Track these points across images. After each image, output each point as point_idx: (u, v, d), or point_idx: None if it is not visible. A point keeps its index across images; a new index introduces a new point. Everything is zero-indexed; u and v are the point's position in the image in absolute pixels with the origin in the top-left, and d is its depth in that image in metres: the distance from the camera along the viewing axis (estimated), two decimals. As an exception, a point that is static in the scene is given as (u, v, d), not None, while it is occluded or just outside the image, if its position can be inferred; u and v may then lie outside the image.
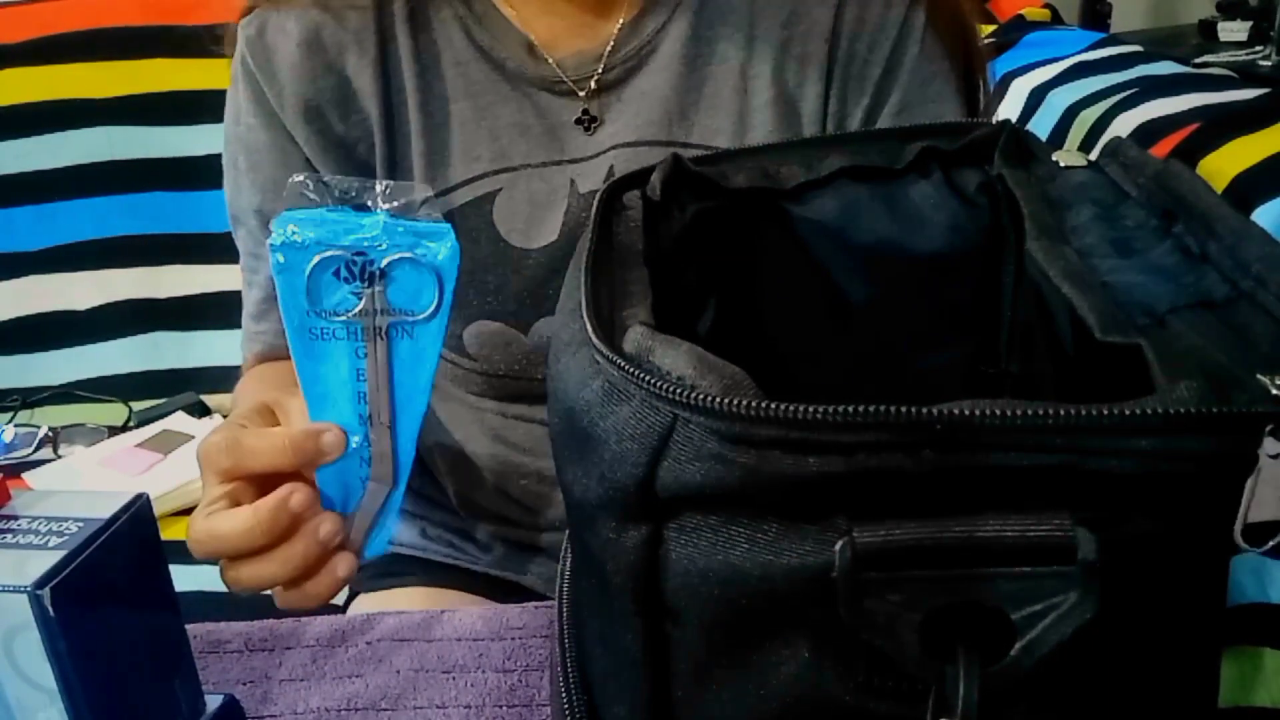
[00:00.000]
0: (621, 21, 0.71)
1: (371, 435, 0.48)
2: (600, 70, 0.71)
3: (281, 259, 0.46)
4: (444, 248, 0.46)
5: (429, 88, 0.71)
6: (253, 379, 0.78)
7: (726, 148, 0.70)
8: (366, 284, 0.46)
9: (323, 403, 0.48)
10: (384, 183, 0.47)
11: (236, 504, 0.49)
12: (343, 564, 0.50)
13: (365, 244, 0.45)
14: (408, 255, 0.46)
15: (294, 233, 0.45)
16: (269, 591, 0.51)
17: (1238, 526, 0.30)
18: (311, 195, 0.47)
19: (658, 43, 0.71)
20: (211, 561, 0.49)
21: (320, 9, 0.71)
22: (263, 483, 0.49)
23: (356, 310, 0.46)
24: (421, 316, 0.47)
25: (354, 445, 0.49)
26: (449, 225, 0.47)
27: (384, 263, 0.46)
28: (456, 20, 0.71)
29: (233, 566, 0.49)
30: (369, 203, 0.47)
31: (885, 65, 0.70)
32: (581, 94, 0.72)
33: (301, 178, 0.47)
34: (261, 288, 0.78)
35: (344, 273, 0.46)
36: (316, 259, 0.45)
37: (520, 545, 0.84)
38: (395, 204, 0.46)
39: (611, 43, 0.71)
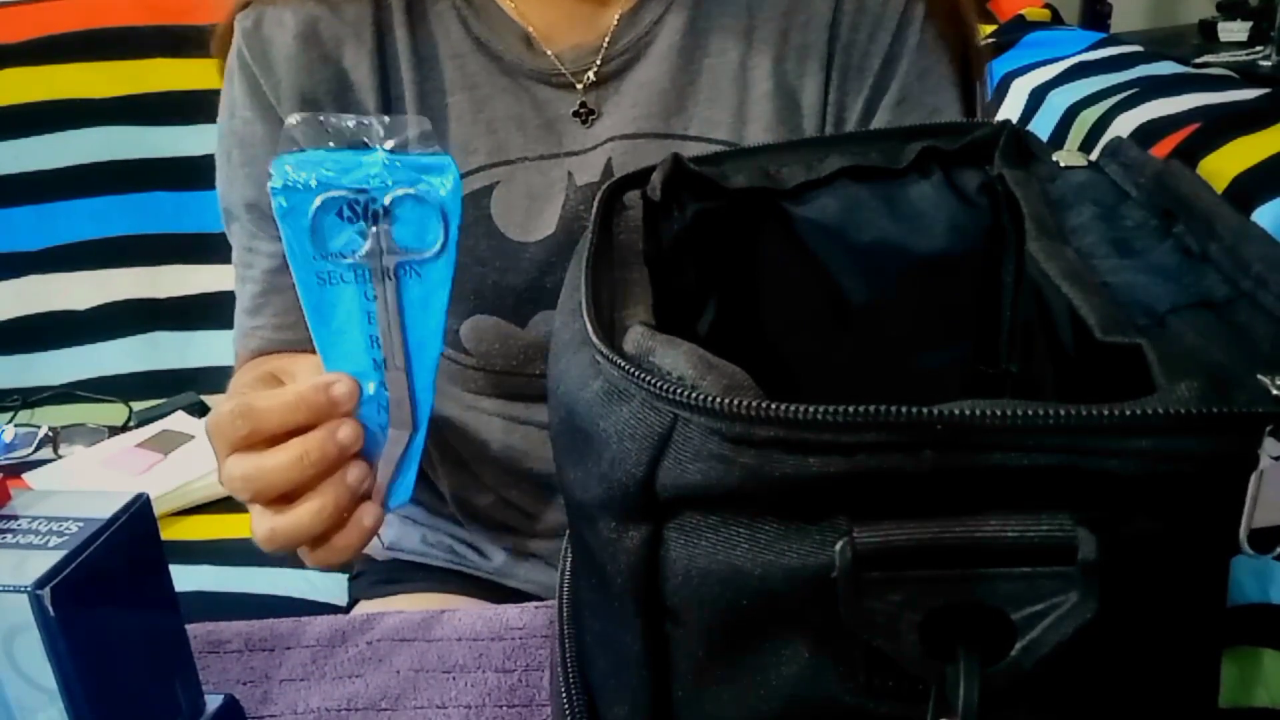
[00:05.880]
0: (619, 13, 0.71)
1: (388, 380, 0.48)
2: (598, 62, 0.71)
3: (284, 203, 0.45)
4: (447, 181, 0.45)
5: (426, 80, 0.71)
6: (249, 368, 0.77)
7: (725, 139, 0.71)
8: (371, 223, 0.45)
9: (336, 351, 0.48)
10: (381, 118, 0.46)
11: None
12: (369, 514, 0.50)
13: (367, 182, 0.45)
14: (410, 191, 0.45)
15: (294, 175, 0.44)
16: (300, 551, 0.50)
17: (1243, 532, 0.30)
18: (303, 139, 0.46)
19: (655, 34, 0.71)
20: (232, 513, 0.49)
21: (317, 2, 0.70)
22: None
23: (363, 252, 0.46)
24: (428, 254, 0.46)
25: (370, 393, 0.48)
26: (450, 157, 0.46)
27: (387, 200, 0.45)
28: (454, 12, 0.71)
29: (266, 517, 0.48)
30: (366, 140, 0.46)
31: (885, 56, 0.70)
32: (579, 86, 0.71)
33: (296, 119, 0.45)
34: (256, 282, 0.76)
35: (347, 213, 0.45)
36: (319, 200, 0.44)
37: (521, 551, 0.84)
38: (394, 140, 0.45)
39: (609, 35, 0.71)
